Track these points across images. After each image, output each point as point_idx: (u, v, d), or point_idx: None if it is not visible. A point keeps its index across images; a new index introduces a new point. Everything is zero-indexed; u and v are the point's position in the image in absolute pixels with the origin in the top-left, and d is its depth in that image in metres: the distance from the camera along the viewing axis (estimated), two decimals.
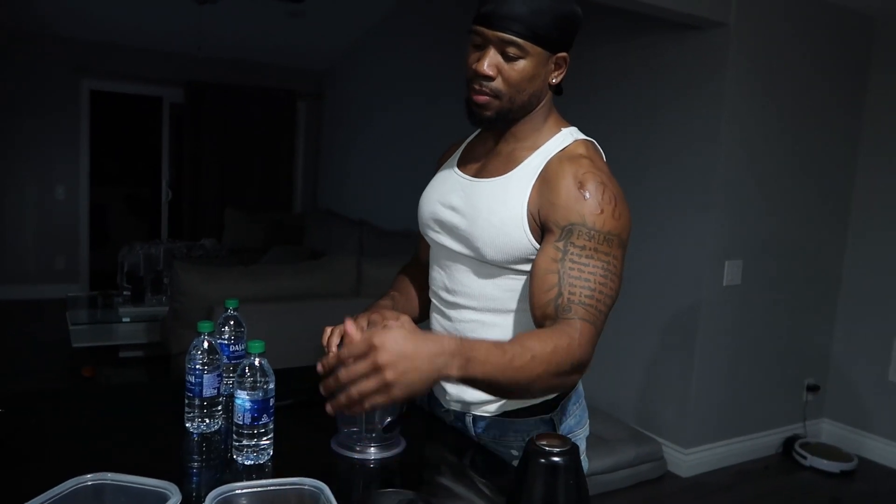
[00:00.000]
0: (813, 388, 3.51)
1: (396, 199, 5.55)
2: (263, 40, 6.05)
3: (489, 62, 1.13)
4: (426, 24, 5.14)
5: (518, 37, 1.11)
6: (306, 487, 0.96)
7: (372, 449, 1.17)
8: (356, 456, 1.15)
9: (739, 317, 3.20)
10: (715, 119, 3.00)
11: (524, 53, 1.12)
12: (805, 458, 3.28)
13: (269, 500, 0.96)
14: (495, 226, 1.16)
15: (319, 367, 0.93)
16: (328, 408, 0.92)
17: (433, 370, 0.90)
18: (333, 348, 1.15)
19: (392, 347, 0.87)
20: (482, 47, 1.15)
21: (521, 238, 1.15)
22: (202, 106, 6.43)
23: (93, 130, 6.11)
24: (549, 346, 1.00)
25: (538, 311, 1.10)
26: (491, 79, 1.14)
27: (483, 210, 1.19)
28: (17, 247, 5.89)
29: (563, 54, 1.17)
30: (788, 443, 3.41)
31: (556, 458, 0.91)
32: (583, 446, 1.32)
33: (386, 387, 0.87)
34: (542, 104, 1.21)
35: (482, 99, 1.16)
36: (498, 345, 0.98)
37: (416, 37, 5.31)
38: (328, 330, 1.19)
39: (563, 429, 1.26)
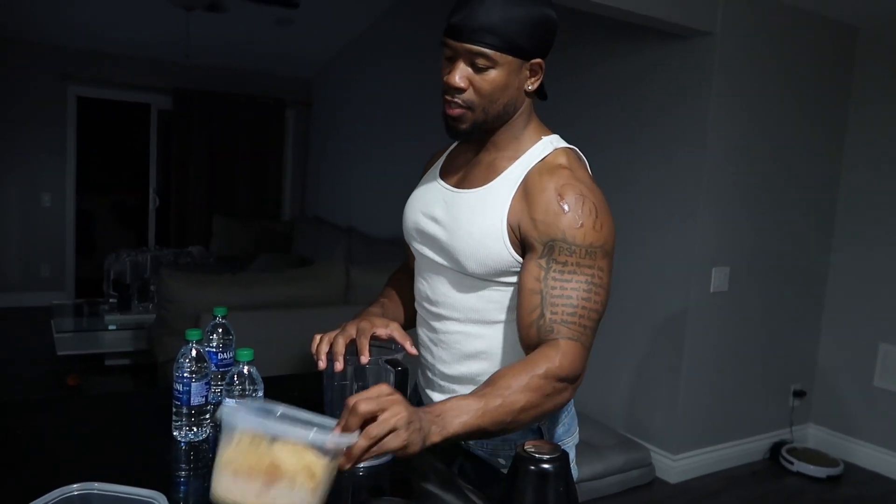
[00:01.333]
0: (799, 394, 3.54)
1: (385, 207, 5.55)
2: (251, 47, 6.04)
3: (459, 74, 1.12)
4: (413, 31, 5.15)
5: (486, 48, 1.09)
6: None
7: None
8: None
9: (726, 323, 3.22)
10: (700, 127, 3.02)
11: (494, 63, 1.10)
12: (792, 463, 3.30)
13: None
14: (475, 238, 1.15)
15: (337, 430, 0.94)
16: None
17: (422, 435, 0.94)
18: (322, 356, 1.15)
19: (397, 394, 0.95)
20: (453, 59, 1.13)
21: (500, 250, 1.14)
22: (190, 113, 6.41)
23: (79, 137, 6.08)
24: (525, 378, 1.02)
25: (523, 332, 1.12)
26: (462, 90, 1.13)
27: (463, 222, 1.18)
28: (1, 254, 5.83)
29: (538, 60, 1.15)
30: (775, 448, 3.43)
31: (545, 465, 0.91)
32: (572, 454, 1.32)
33: (404, 423, 0.91)
34: (519, 112, 1.19)
35: (456, 112, 1.15)
36: (472, 393, 1.02)
37: (403, 44, 5.33)
38: (317, 337, 1.19)
39: (551, 437, 1.26)
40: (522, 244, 1.13)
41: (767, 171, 3.24)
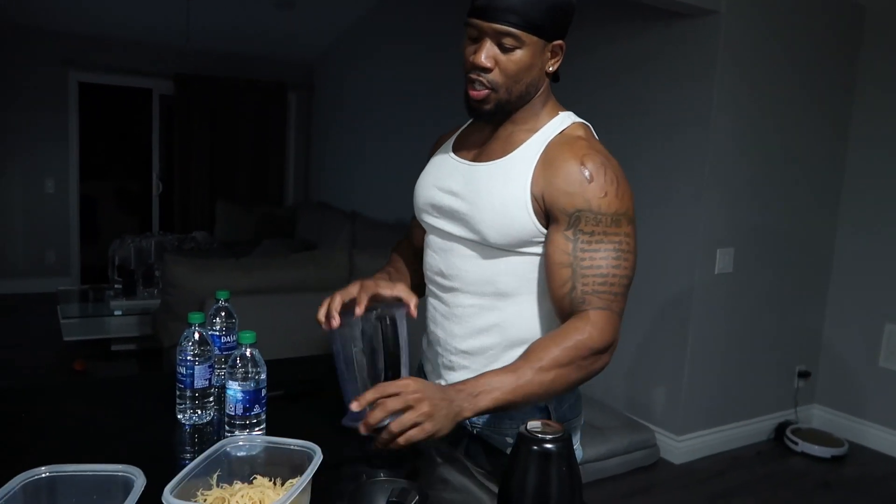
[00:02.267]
0: (804, 375, 3.54)
1: (388, 191, 5.54)
2: (252, 31, 6.00)
3: (486, 54, 1.13)
4: (417, 13, 5.11)
5: (514, 27, 1.10)
6: (300, 449, 0.97)
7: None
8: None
9: (731, 304, 3.21)
10: (705, 107, 3.00)
11: (520, 44, 1.12)
12: (796, 443, 3.30)
13: (266, 455, 0.98)
14: (497, 208, 1.16)
15: (355, 406, 1.04)
16: (362, 429, 1.04)
17: (452, 412, 1.03)
18: (336, 314, 1.17)
19: (425, 387, 1.03)
20: (478, 39, 1.14)
21: (524, 220, 1.15)
22: (192, 98, 6.39)
23: (82, 123, 6.07)
24: (556, 351, 1.08)
25: (556, 305, 1.16)
26: (489, 70, 1.14)
27: (484, 192, 1.19)
28: (6, 241, 5.85)
29: (559, 42, 1.17)
30: (780, 429, 3.43)
31: (548, 445, 0.91)
32: (577, 434, 1.33)
33: (425, 417, 1.00)
34: (539, 92, 1.21)
35: (481, 94, 1.16)
36: (504, 368, 1.09)
37: (406, 26, 5.29)
38: (325, 302, 1.21)
39: (557, 416, 1.26)
40: (546, 214, 1.15)
41: (772, 152, 3.21)
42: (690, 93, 3.06)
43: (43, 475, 0.86)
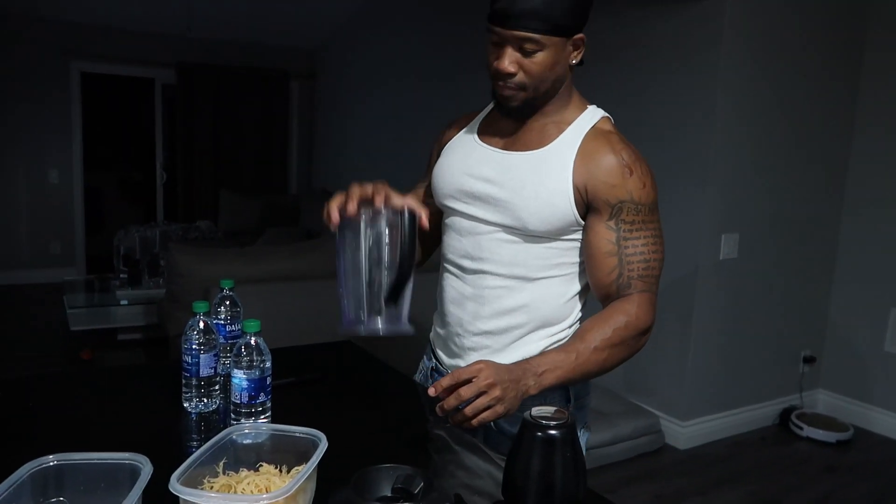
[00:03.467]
0: (809, 360, 3.54)
1: (392, 179, 5.48)
2: (253, 19, 5.98)
3: (509, 60, 1.16)
4: (419, 0, 5.08)
5: (534, 33, 1.12)
6: (305, 436, 0.97)
7: (379, 322, 1.09)
8: (363, 329, 1.09)
9: (736, 290, 3.20)
10: (710, 92, 2.98)
11: (542, 46, 1.14)
12: (801, 428, 3.31)
13: (272, 443, 0.99)
14: (542, 197, 1.20)
15: (432, 391, 1.08)
16: (438, 411, 1.09)
17: (520, 392, 1.10)
18: (335, 212, 1.13)
19: (496, 371, 1.08)
20: (500, 45, 1.16)
21: (566, 210, 1.20)
22: (194, 87, 6.38)
23: (85, 113, 6.07)
24: (609, 332, 1.17)
25: (600, 292, 1.24)
26: (513, 75, 1.17)
27: (527, 182, 1.21)
28: (11, 232, 5.87)
29: (580, 35, 1.18)
30: (785, 414, 3.44)
31: (552, 432, 0.91)
32: (587, 412, 1.35)
33: (496, 401, 1.06)
34: (566, 84, 1.24)
35: (508, 93, 1.19)
36: (562, 349, 1.17)
37: (409, 14, 5.26)
38: (335, 200, 1.16)
39: (574, 393, 1.29)
40: (586, 205, 1.21)
41: (777, 137, 3.19)
42: (695, 77, 3.04)
43: (51, 463, 0.86)
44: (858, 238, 3.46)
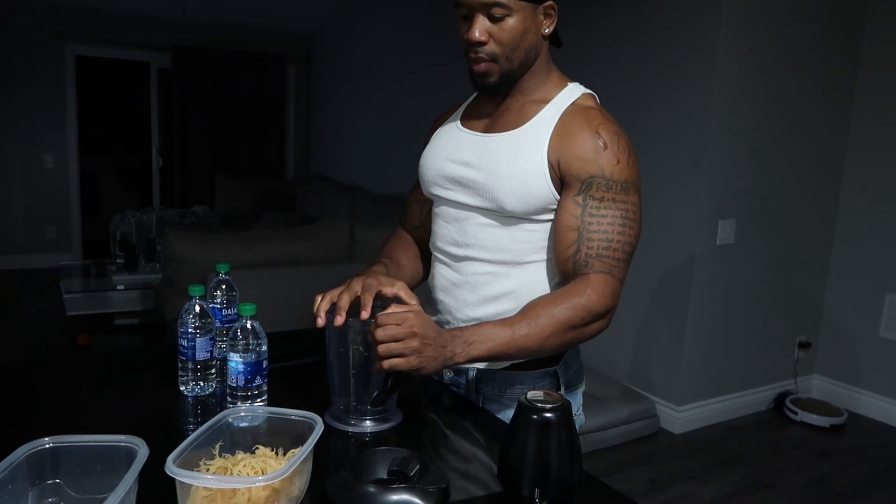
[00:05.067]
0: (804, 345, 3.55)
1: (389, 164, 5.52)
2: (249, 2, 5.93)
3: (479, 28, 1.15)
4: None
5: None
6: (301, 419, 0.98)
7: (367, 422, 1.15)
8: (351, 429, 1.14)
9: (732, 275, 3.21)
10: (707, 79, 2.97)
11: (510, 11, 1.14)
12: (796, 413, 3.33)
13: (268, 426, 0.99)
14: (516, 176, 1.18)
15: (364, 315, 1.09)
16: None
17: (443, 358, 1.07)
18: (322, 314, 1.15)
19: (424, 325, 1.05)
20: (469, 17, 1.17)
21: (542, 187, 1.18)
22: (190, 71, 6.34)
23: (80, 97, 6.03)
24: (555, 311, 1.11)
25: (560, 267, 1.19)
26: (484, 44, 1.16)
27: (502, 162, 1.20)
28: (7, 217, 5.85)
29: (550, 2, 1.18)
30: (779, 399, 3.46)
31: (548, 415, 0.92)
32: (580, 400, 1.35)
33: (412, 351, 1.03)
34: (541, 57, 1.22)
35: (483, 67, 1.18)
36: (500, 322, 1.12)
37: None
38: (318, 297, 1.19)
39: (565, 381, 1.28)
40: (561, 181, 1.18)
41: (775, 123, 3.19)
42: (693, 64, 3.02)
43: (47, 446, 0.86)
44: (854, 224, 3.46)
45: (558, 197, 1.19)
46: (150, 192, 6.66)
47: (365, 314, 1.11)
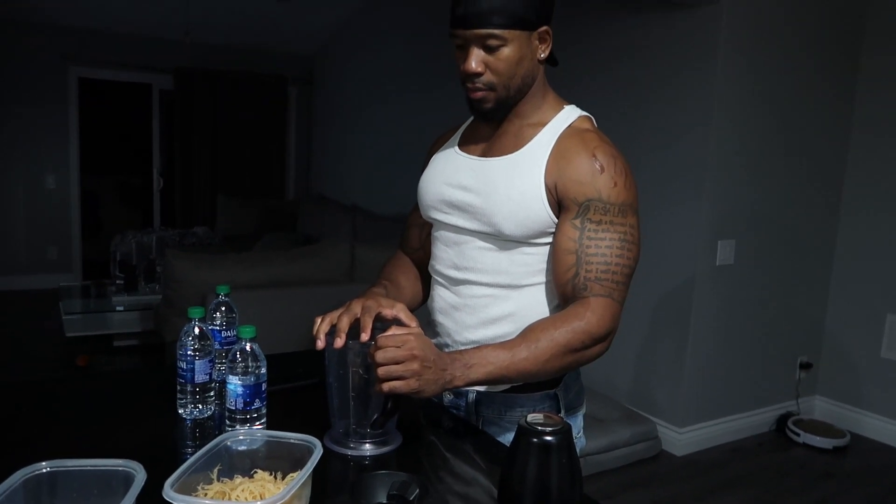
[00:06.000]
0: (806, 366, 3.54)
1: (390, 184, 5.53)
2: (251, 24, 5.99)
3: (475, 60, 1.16)
4: (418, 5, 5.09)
5: (494, 28, 1.13)
6: (300, 442, 0.98)
7: (367, 445, 1.14)
8: (350, 453, 1.14)
9: (732, 296, 3.21)
10: (706, 98, 2.99)
11: (504, 41, 1.14)
12: (798, 434, 3.30)
13: (267, 449, 0.99)
14: (514, 200, 1.19)
15: (364, 337, 1.09)
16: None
17: (443, 381, 1.07)
18: (322, 336, 1.14)
19: (424, 348, 1.05)
20: (465, 47, 1.18)
21: (539, 211, 1.18)
22: (192, 92, 6.38)
23: (82, 118, 6.06)
24: (555, 334, 1.11)
25: (559, 290, 1.19)
26: (480, 74, 1.17)
27: (500, 186, 1.20)
28: (7, 237, 5.85)
29: (545, 28, 1.18)
30: (782, 420, 3.44)
31: (548, 438, 0.91)
32: (581, 422, 1.35)
33: (412, 374, 1.03)
34: (537, 80, 1.23)
35: (479, 95, 1.20)
36: (500, 345, 1.12)
37: (406, 19, 5.27)
38: (318, 319, 1.19)
39: (565, 403, 1.28)
40: (559, 204, 1.18)
41: (774, 143, 3.20)
42: (691, 83, 3.05)
43: (44, 470, 0.86)
44: (855, 244, 3.46)
45: (556, 220, 1.19)
46: (151, 212, 6.67)
47: (365, 336, 1.11)
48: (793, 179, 3.30)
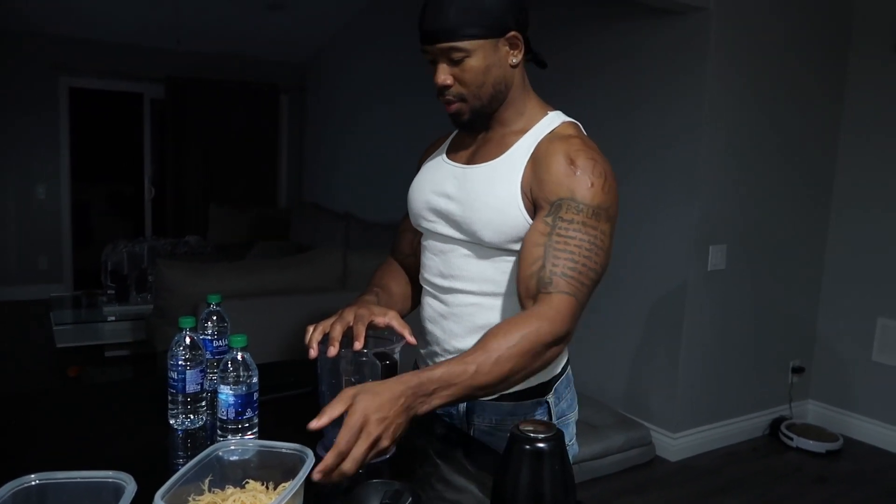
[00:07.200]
0: (798, 370, 3.55)
1: (382, 192, 5.53)
2: (243, 33, 5.99)
3: (442, 73, 1.18)
4: (410, 14, 5.10)
5: (455, 41, 1.14)
6: (292, 452, 0.97)
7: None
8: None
9: (724, 301, 3.22)
10: (696, 104, 3.01)
11: (468, 52, 1.15)
12: (791, 438, 3.31)
13: (258, 459, 0.98)
14: (491, 207, 1.18)
15: (314, 425, 0.96)
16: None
17: (403, 411, 0.97)
18: (315, 344, 1.14)
19: (364, 406, 0.94)
20: (435, 62, 1.20)
21: (517, 217, 1.17)
22: (183, 101, 6.37)
23: (73, 128, 6.04)
24: (516, 339, 1.05)
25: (522, 286, 1.14)
26: (449, 87, 1.19)
27: (479, 193, 1.21)
28: None
29: (513, 33, 1.17)
30: (775, 424, 3.44)
31: (540, 444, 0.91)
32: (573, 430, 1.34)
33: (376, 440, 0.94)
34: (514, 87, 1.23)
35: (453, 108, 1.22)
36: (460, 360, 1.04)
37: (398, 27, 5.28)
38: (310, 328, 1.18)
39: (557, 411, 1.28)
40: (534, 206, 1.17)
41: (764, 148, 3.22)
42: (681, 89, 3.06)
43: (33, 483, 0.85)
44: (845, 248, 3.48)
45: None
46: (142, 221, 6.65)
47: (358, 344, 1.11)
48: (783, 184, 3.32)
